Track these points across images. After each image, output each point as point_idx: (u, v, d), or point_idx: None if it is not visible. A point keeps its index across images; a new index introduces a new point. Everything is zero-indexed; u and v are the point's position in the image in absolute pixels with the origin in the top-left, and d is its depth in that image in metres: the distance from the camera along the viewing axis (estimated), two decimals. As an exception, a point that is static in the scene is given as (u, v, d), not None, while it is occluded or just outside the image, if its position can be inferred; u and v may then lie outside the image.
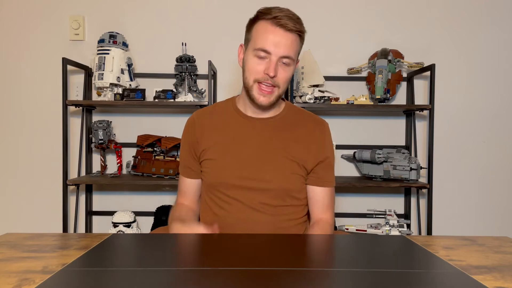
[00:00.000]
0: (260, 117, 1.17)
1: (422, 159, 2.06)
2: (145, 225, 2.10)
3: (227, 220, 1.11)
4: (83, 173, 2.07)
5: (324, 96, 1.91)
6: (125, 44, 1.99)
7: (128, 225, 1.90)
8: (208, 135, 1.17)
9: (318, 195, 1.17)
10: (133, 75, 2.01)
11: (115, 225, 1.90)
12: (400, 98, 2.12)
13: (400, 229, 1.83)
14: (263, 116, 1.17)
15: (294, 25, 1.04)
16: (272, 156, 1.12)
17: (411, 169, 1.88)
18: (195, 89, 1.95)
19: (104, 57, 1.90)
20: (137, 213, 2.04)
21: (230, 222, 1.11)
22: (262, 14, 1.07)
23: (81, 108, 2.03)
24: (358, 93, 2.06)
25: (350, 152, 2.09)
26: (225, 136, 1.15)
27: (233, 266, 0.70)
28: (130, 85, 1.97)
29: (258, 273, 0.66)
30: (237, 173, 1.11)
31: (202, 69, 2.04)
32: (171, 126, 2.08)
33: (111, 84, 1.92)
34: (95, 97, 2.08)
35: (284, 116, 1.19)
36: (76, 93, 2.08)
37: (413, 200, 2.10)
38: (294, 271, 0.67)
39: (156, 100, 1.89)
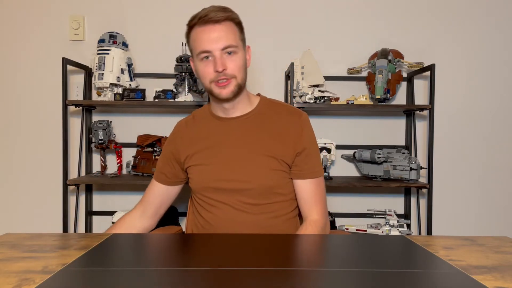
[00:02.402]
0: (233, 116, 1.17)
1: (422, 159, 2.06)
2: (145, 225, 2.10)
3: (215, 222, 1.13)
4: (83, 173, 2.07)
5: (324, 96, 1.91)
6: (125, 44, 1.99)
7: (128, 225, 1.89)
8: (189, 144, 1.19)
9: (302, 189, 1.15)
10: (133, 75, 2.01)
11: (115, 225, 1.89)
12: (400, 98, 2.12)
13: (400, 229, 1.83)
14: (235, 115, 1.17)
15: (219, 14, 1.06)
16: (248, 154, 1.12)
17: (411, 169, 1.88)
18: (195, 89, 1.95)
19: (104, 57, 1.90)
20: (137, 213, 2.04)
21: (217, 224, 1.12)
22: (190, 22, 1.11)
23: (81, 108, 2.03)
24: (358, 93, 2.06)
25: (350, 152, 2.09)
26: (204, 142, 1.17)
27: (233, 266, 0.70)
28: (130, 85, 1.97)
29: (258, 273, 0.66)
30: (217, 176, 1.12)
31: (202, 69, 2.04)
32: (171, 126, 2.04)
33: (111, 84, 1.92)
34: (95, 97, 2.08)
35: (258, 112, 1.18)
36: (76, 93, 2.08)
37: (413, 200, 2.10)
38: (293, 271, 0.67)
39: (156, 100, 1.89)
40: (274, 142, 1.13)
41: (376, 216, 2.02)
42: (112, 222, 1.91)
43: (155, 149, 1.96)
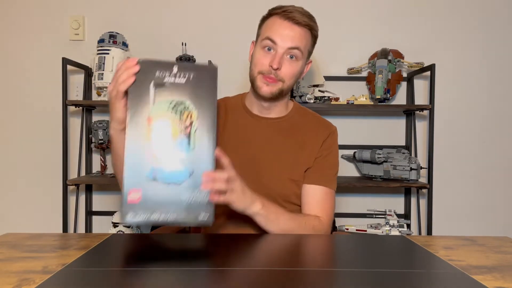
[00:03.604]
0: (266, 116, 1.14)
1: (422, 159, 2.06)
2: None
3: (222, 220, 1.09)
4: (83, 173, 2.07)
5: (324, 96, 1.91)
6: (125, 44, 1.99)
7: (128, 225, 1.89)
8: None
9: (309, 194, 1.10)
10: (133, 75, 2.01)
11: (115, 225, 1.90)
12: (400, 98, 2.12)
13: (400, 229, 1.82)
14: (269, 116, 1.14)
15: (303, 18, 1.04)
16: (272, 159, 1.09)
17: (411, 169, 1.88)
18: (195, 89, 1.95)
19: (104, 57, 1.90)
20: (137, 213, 2.04)
21: (224, 222, 1.08)
22: (274, 10, 1.08)
23: (81, 108, 2.03)
24: (358, 93, 2.06)
25: (350, 152, 2.09)
26: (230, 133, 1.13)
27: (233, 266, 0.70)
28: (130, 85, 1.97)
29: (258, 273, 0.66)
30: (237, 173, 1.09)
31: (202, 69, 2.04)
32: (171, 126, 2.07)
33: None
34: (95, 97, 2.08)
35: (291, 118, 1.16)
36: (76, 93, 2.08)
37: (413, 200, 2.10)
38: (294, 271, 0.67)
39: (156, 100, 1.89)
40: (299, 151, 1.11)
41: (376, 216, 2.01)
42: (112, 222, 1.91)
43: (155, 149, 1.96)
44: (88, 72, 2.05)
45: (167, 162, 0.76)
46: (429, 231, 1.87)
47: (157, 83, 0.78)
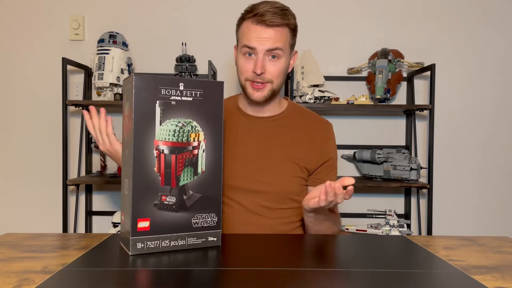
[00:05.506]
0: (261, 116, 1.15)
1: (422, 159, 2.06)
2: (145, 225, 2.10)
3: (226, 222, 1.09)
4: (83, 173, 2.07)
5: (324, 96, 1.91)
6: (125, 44, 1.99)
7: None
8: None
9: None
10: (133, 75, 2.01)
11: (115, 225, 1.90)
12: (400, 98, 2.12)
13: (400, 229, 1.83)
14: (264, 115, 1.15)
15: (274, 19, 1.01)
16: (272, 157, 1.11)
17: (411, 169, 1.88)
18: (195, 89, 1.95)
19: (104, 57, 1.90)
20: (137, 213, 2.04)
21: (228, 225, 1.09)
22: (246, 13, 1.06)
23: (81, 108, 2.03)
24: (358, 93, 2.06)
25: (350, 152, 2.09)
26: (226, 135, 1.13)
27: (233, 266, 0.70)
28: (130, 85, 1.97)
29: (258, 273, 0.66)
30: (236, 173, 1.09)
31: (202, 69, 2.04)
32: (171, 126, 2.07)
33: (111, 84, 1.92)
34: (95, 97, 2.08)
35: (286, 116, 1.17)
36: (76, 93, 2.08)
37: (413, 200, 2.10)
38: (294, 271, 0.67)
39: (156, 100, 1.89)
40: (298, 147, 1.12)
41: (376, 216, 2.02)
42: (112, 222, 1.91)
43: (155, 149, 1.96)
44: (88, 72, 2.05)
45: (176, 188, 0.76)
46: (429, 231, 1.87)
47: (163, 102, 0.73)
